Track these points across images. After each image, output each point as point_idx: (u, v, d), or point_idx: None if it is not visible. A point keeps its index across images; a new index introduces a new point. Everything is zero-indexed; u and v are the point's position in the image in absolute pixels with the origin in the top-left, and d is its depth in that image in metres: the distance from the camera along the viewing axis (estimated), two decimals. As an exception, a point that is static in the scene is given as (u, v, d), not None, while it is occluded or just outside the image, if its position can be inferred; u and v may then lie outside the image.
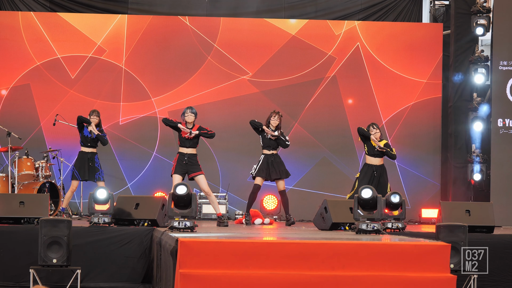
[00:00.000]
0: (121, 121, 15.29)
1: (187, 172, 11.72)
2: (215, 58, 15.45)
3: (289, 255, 7.74)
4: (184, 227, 9.31)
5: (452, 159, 15.06)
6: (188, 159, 11.70)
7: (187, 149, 11.77)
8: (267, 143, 12.29)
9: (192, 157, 11.75)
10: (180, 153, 11.78)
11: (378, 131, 12.42)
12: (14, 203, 10.77)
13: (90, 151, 12.35)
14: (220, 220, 11.76)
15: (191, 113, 11.80)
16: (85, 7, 15.61)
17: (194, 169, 11.71)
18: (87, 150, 12.35)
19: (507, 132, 14.18)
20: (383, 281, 7.70)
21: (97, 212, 10.60)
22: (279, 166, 12.26)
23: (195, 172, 11.71)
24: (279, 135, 12.25)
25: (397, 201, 10.32)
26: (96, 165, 12.33)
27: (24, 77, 15.17)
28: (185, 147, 11.78)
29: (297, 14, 15.81)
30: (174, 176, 11.68)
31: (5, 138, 13.55)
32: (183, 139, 11.78)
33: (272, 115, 12.35)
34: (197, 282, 7.54)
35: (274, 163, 12.24)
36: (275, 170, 12.22)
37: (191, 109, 11.87)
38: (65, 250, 9.13)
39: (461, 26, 14.93)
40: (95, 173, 12.34)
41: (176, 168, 11.66)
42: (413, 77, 15.63)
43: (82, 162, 12.31)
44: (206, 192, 11.86)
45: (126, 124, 15.31)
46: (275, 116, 12.32)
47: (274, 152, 12.32)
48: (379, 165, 12.43)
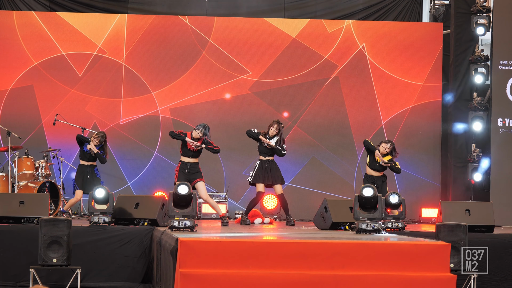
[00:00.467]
0: (121, 121, 15.28)
1: (189, 181, 11.76)
2: (215, 58, 15.43)
3: (289, 255, 7.75)
4: (184, 226, 9.32)
5: (452, 159, 15.05)
6: (190, 167, 11.80)
7: (189, 158, 11.85)
8: (263, 150, 12.31)
9: (194, 165, 11.85)
10: (182, 162, 11.86)
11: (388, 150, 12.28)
12: (14, 203, 10.78)
13: (89, 164, 12.35)
14: (223, 220, 11.80)
15: (200, 132, 11.80)
16: (85, 7, 15.60)
17: (195, 176, 11.82)
18: (86, 163, 12.36)
19: (507, 132, 14.18)
20: (383, 281, 7.71)
21: (97, 211, 10.61)
22: (274, 172, 12.27)
23: (196, 179, 11.79)
24: (275, 146, 12.23)
25: (396, 201, 10.32)
26: (97, 176, 12.37)
27: (25, 76, 15.15)
28: (188, 157, 11.85)
29: (297, 14, 15.81)
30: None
31: (5, 138, 13.54)
32: (187, 150, 11.84)
33: (272, 124, 12.34)
34: (197, 282, 7.54)
35: (269, 169, 12.25)
36: (269, 176, 12.23)
37: (204, 128, 11.87)
38: (65, 249, 9.14)
39: (461, 25, 14.92)
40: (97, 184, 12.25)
41: (179, 177, 11.75)
42: (413, 77, 15.60)
43: (81, 176, 12.33)
44: (204, 199, 11.97)
45: (127, 123, 15.30)
46: (274, 125, 12.30)
47: (270, 158, 12.32)
48: (379, 176, 12.46)
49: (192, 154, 11.88)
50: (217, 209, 12.05)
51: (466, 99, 14.98)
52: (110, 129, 15.09)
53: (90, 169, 12.32)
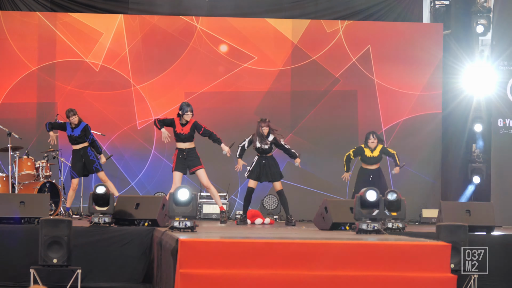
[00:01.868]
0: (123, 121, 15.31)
1: (188, 167, 11.72)
2: (214, 57, 15.44)
3: (290, 255, 7.75)
4: (184, 227, 9.31)
5: (452, 159, 15.05)
6: (187, 154, 11.69)
7: (184, 143, 11.77)
8: (257, 150, 12.33)
9: (191, 151, 11.74)
10: (178, 148, 11.79)
11: (375, 140, 12.55)
12: (14, 203, 10.77)
13: (81, 147, 12.58)
14: (222, 214, 11.76)
15: (191, 112, 11.78)
16: (85, 7, 15.60)
17: (194, 163, 11.72)
18: (76, 147, 12.61)
19: (507, 132, 14.18)
20: (383, 281, 7.71)
21: (98, 212, 10.61)
22: (271, 168, 12.27)
23: (195, 166, 11.72)
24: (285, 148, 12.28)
25: (393, 198, 10.27)
26: (90, 157, 12.55)
27: (25, 77, 15.15)
28: (182, 141, 11.78)
29: (297, 14, 15.80)
30: (175, 173, 11.69)
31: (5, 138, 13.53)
32: (178, 134, 11.77)
33: (260, 124, 12.30)
34: (197, 282, 7.55)
35: (267, 165, 12.26)
36: (266, 172, 12.24)
37: (189, 107, 11.82)
38: (66, 250, 9.14)
39: (461, 26, 14.92)
40: (92, 165, 12.58)
41: (177, 164, 11.67)
42: (413, 77, 15.61)
43: (76, 160, 12.57)
44: (206, 185, 11.88)
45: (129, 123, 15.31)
46: (262, 125, 12.25)
47: (268, 155, 12.34)
48: (375, 169, 12.51)
49: (185, 138, 11.78)
50: (217, 200, 12.03)
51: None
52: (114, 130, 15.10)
53: (83, 151, 12.57)
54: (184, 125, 11.76)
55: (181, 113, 11.80)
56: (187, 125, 11.79)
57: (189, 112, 11.78)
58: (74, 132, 12.63)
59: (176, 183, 11.64)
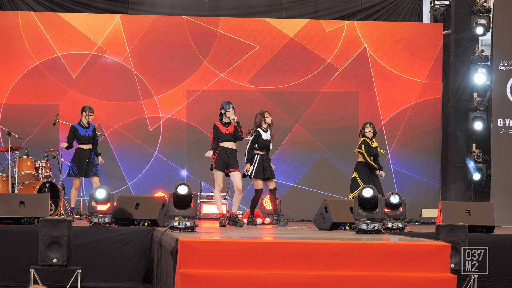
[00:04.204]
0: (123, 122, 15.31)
1: (227, 166, 11.61)
2: (214, 57, 15.45)
3: (289, 255, 7.75)
4: (184, 227, 9.31)
5: (452, 159, 15.05)
6: (230, 153, 11.60)
7: (227, 143, 11.65)
8: (263, 144, 12.28)
9: (233, 152, 11.64)
10: (221, 147, 11.62)
11: (371, 130, 12.58)
12: (14, 203, 10.78)
13: (88, 148, 12.82)
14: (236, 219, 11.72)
15: (233, 109, 11.69)
16: (85, 7, 15.60)
17: (233, 164, 11.60)
18: (85, 147, 12.82)
19: (507, 132, 14.18)
20: (383, 281, 7.71)
21: (97, 212, 10.61)
22: (269, 167, 12.35)
23: (233, 168, 11.62)
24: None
25: (397, 201, 10.31)
26: (92, 161, 12.79)
27: (25, 77, 15.16)
28: (226, 141, 11.66)
29: (297, 14, 15.81)
30: (216, 172, 11.53)
31: (5, 138, 13.54)
32: (222, 134, 11.64)
33: (263, 114, 12.33)
34: (197, 282, 7.54)
35: (267, 163, 12.31)
36: (266, 171, 12.28)
37: (230, 104, 11.73)
38: (65, 250, 9.14)
39: (461, 26, 14.94)
40: (92, 168, 12.79)
41: (217, 162, 11.52)
42: (413, 77, 15.62)
43: (81, 159, 12.74)
44: (239, 189, 11.68)
45: (129, 123, 15.30)
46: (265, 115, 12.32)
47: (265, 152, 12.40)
48: None
49: (230, 138, 11.67)
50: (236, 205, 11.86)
51: (466, 99, 14.99)
52: (114, 130, 15.10)
53: (89, 153, 12.80)
54: (228, 124, 11.66)
55: (223, 111, 11.69)
56: (231, 125, 11.67)
57: (231, 108, 11.67)
58: (88, 132, 12.89)
59: (219, 183, 11.57)
